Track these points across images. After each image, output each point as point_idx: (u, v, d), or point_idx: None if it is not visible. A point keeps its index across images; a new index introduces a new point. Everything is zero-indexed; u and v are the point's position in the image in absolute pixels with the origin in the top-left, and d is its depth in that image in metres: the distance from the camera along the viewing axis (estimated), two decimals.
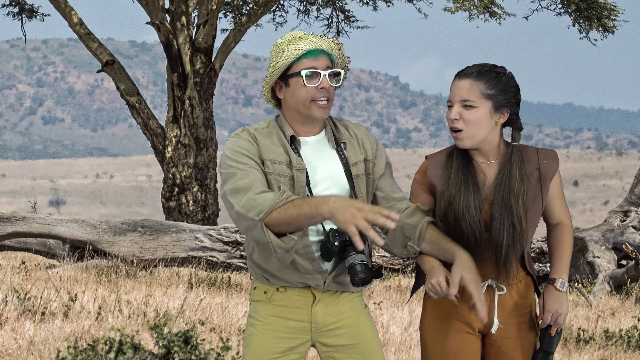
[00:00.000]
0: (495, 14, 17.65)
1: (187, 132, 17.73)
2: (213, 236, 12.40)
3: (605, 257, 12.22)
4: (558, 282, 3.86)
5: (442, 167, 3.86)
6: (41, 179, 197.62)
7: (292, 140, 3.79)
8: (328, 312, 3.84)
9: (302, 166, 3.76)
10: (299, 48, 3.73)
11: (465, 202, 3.78)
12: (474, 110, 3.77)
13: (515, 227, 3.77)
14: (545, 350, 3.87)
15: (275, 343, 3.82)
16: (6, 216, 12.38)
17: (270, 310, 3.83)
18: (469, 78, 3.79)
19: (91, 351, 4.19)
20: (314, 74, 3.75)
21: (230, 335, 7.42)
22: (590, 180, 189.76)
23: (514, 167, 3.81)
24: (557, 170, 3.88)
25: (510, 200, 3.77)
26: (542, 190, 3.84)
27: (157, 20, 17.72)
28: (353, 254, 3.70)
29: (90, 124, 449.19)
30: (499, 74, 3.81)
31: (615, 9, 17.73)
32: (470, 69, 3.82)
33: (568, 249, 3.92)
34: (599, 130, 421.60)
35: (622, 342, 7.99)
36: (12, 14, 19.82)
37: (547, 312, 3.84)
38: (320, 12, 20.64)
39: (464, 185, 3.80)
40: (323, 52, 3.77)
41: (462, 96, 3.78)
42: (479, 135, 3.79)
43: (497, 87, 3.79)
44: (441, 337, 3.85)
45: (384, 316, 8.85)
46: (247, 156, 3.73)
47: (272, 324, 3.82)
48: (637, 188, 13.19)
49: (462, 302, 3.82)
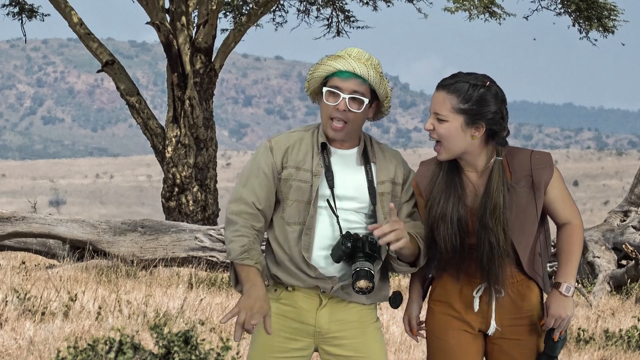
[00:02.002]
0: (495, 14, 17.64)
1: (187, 132, 17.73)
2: (213, 236, 12.40)
3: (605, 257, 12.23)
4: (563, 287, 3.80)
5: (429, 176, 3.85)
6: (41, 179, 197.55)
7: (324, 148, 3.85)
8: (333, 318, 3.86)
9: (319, 172, 3.81)
10: (333, 66, 3.81)
11: (441, 213, 3.77)
12: (445, 124, 3.74)
13: (492, 246, 3.72)
14: (548, 354, 3.83)
15: (279, 342, 3.86)
16: (6, 216, 12.37)
17: (277, 309, 3.88)
18: (443, 90, 3.75)
19: (91, 351, 4.19)
20: (335, 93, 3.80)
21: (230, 335, 7.41)
22: (590, 180, 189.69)
23: (493, 184, 3.75)
24: (551, 176, 3.79)
25: (487, 219, 3.73)
26: (535, 196, 3.77)
27: (157, 20, 17.72)
28: (362, 260, 3.73)
29: (90, 124, 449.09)
30: (476, 86, 3.72)
31: (615, 9, 17.73)
32: (447, 80, 3.77)
33: (576, 250, 3.83)
34: (599, 130, 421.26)
35: (622, 342, 7.99)
36: (12, 14, 19.81)
37: (550, 316, 3.80)
38: (320, 12, 20.63)
39: (444, 196, 3.78)
40: (355, 76, 3.78)
41: (434, 109, 3.76)
42: (455, 148, 3.75)
43: (471, 101, 3.71)
44: (442, 333, 3.87)
45: (384, 316, 8.85)
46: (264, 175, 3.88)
47: (277, 322, 3.86)
48: (637, 188, 13.19)
49: (460, 304, 3.85)
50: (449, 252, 3.78)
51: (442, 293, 3.89)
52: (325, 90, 3.80)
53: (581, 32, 18.15)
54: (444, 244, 3.77)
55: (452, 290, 3.86)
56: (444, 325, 3.87)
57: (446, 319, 3.87)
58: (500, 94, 3.76)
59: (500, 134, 3.78)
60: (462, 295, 3.84)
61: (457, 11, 17.12)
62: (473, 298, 3.83)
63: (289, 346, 3.86)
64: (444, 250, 3.79)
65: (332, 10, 20.59)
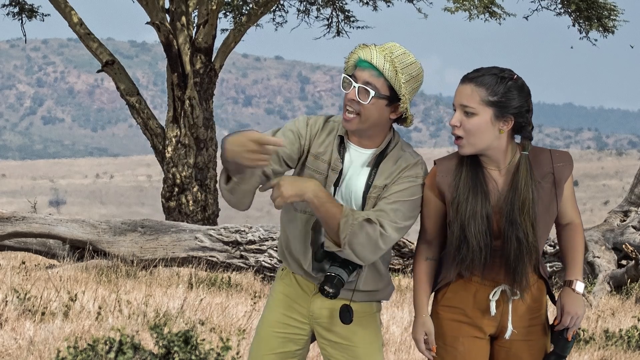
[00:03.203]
0: (495, 14, 17.64)
1: (187, 132, 17.73)
2: (213, 236, 12.39)
3: (605, 257, 12.23)
4: (576, 284, 3.78)
5: (451, 174, 3.73)
6: (41, 179, 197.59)
7: (341, 141, 3.79)
8: (324, 305, 3.88)
9: (337, 167, 3.76)
10: (357, 54, 3.75)
11: (471, 211, 3.66)
12: (474, 118, 3.63)
13: (521, 242, 3.65)
14: (559, 354, 3.80)
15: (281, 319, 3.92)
16: (6, 216, 12.37)
17: (282, 288, 3.95)
18: (470, 83, 3.64)
19: (91, 351, 4.19)
20: (347, 81, 3.74)
21: (230, 335, 7.41)
22: (590, 180, 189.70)
23: (521, 179, 3.67)
24: (571, 173, 3.76)
25: (515, 215, 3.65)
26: (556, 194, 3.73)
27: (157, 20, 17.71)
28: (337, 265, 3.74)
29: (90, 124, 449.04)
30: (503, 79, 3.64)
31: (615, 9, 17.73)
32: (474, 73, 3.66)
33: (581, 248, 3.83)
34: (599, 130, 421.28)
35: (622, 342, 7.99)
36: (12, 14, 19.81)
37: (566, 314, 3.77)
38: (320, 12, 20.63)
39: (472, 193, 3.68)
40: (372, 66, 3.69)
41: (462, 102, 3.64)
42: (481, 143, 3.66)
43: (500, 94, 3.62)
44: (451, 340, 3.81)
45: (384, 316, 8.85)
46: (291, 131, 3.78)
47: (281, 300, 3.93)
48: (637, 188, 13.19)
49: (474, 309, 3.78)
50: (482, 251, 3.67)
51: (453, 298, 3.80)
52: (342, 77, 3.75)
53: (581, 32, 18.16)
54: (476, 242, 3.65)
55: (464, 295, 3.78)
56: (454, 332, 3.80)
57: (455, 325, 3.80)
58: (526, 87, 3.70)
59: (527, 127, 3.72)
60: (476, 300, 3.77)
61: (457, 11, 17.12)
62: (488, 302, 3.76)
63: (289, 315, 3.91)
64: (472, 252, 3.68)
65: (332, 10, 20.59)
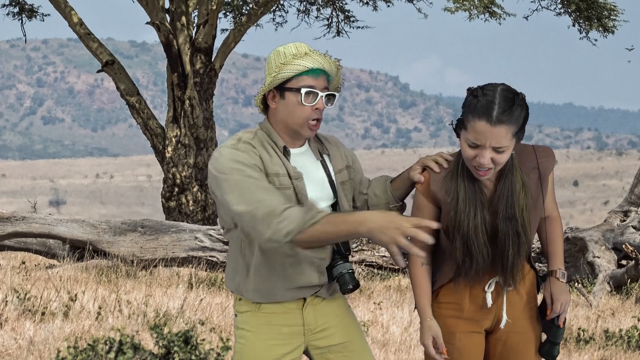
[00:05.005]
0: (495, 14, 17.64)
1: (187, 132, 17.73)
2: (213, 236, 12.40)
3: (605, 257, 12.22)
4: (559, 273, 3.92)
5: (446, 181, 3.79)
6: (41, 179, 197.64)
7: (285, 151, 3.75)
8: (318, 313, 3.87)
9: (299, 175, 3.73)
10: (303, 65, 3.67)
11: (474, 228, 3.74)
12: (506, 152, 3.68)
13: (520, 236, 3.76)
14: (552, 341, 3.93)
15: (269, 352, 3.77)
16: (6, 216, 12.37)
17: (261, 319, 3.79)
18: (503, 125, 3.61)
19: (91, 351, 4.19)
20: (312, 93, 3.70)
21: (230, 335, 7.41)
22: (590, 180, 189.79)
23: (515, 176, 3.76)
24: (553, 168, 3.87)
25: (514, 211, 3.75)
26: (542, 188, 3.83)
27: (157, 20, 17.72)
28: (341, 263, 3.74)
29: (90, 124, 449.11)
30: (522, 106, 3.65)
31: (615, 9, 17.73)
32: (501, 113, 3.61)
33: (561, 240, 3.97)
34: (599, 130, 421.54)
35: (622, 342, 7.99)
36: (12, 14, 19.81)
37: (556, 301, 3.89)
38: (320, 12, 20.63)
39: (472, 208, 3.75)
40: (324, 72, 3.72)
41: (498, 143, 3.64)
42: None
43: (521, 120, 3.66)
44: (448, 337, 3.87)
45: (384, 316, 8.84)
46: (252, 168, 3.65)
47: (264, 332, 3.77)
48: (637, 188, 13.18)
49: (470, 303, 3.87)
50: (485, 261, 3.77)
51: (450, 294, 3.88)
52: (303, 92, 3.69)
53: (581, 32, 18.16)
54: (480, 256, 3.76)
55: (461, 291, 3.87)
56: (451, 328, 3.88)
57: (453, 321, 3.88)
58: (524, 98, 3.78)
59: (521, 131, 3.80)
60: (472, 294, 3.85)
61: (457, 11, 17.11)
62: (484, 295, 3.85)
63: (279, 352, 3.79)
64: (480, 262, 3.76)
65: (332, 10, 20.58)
